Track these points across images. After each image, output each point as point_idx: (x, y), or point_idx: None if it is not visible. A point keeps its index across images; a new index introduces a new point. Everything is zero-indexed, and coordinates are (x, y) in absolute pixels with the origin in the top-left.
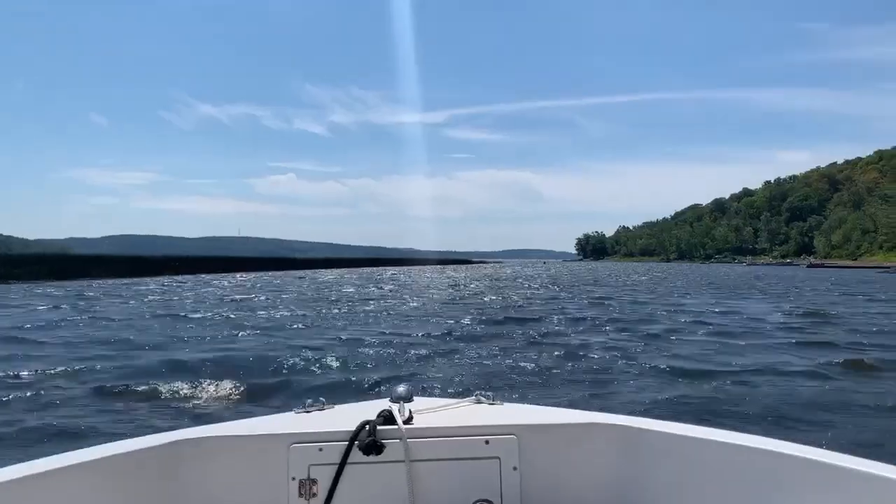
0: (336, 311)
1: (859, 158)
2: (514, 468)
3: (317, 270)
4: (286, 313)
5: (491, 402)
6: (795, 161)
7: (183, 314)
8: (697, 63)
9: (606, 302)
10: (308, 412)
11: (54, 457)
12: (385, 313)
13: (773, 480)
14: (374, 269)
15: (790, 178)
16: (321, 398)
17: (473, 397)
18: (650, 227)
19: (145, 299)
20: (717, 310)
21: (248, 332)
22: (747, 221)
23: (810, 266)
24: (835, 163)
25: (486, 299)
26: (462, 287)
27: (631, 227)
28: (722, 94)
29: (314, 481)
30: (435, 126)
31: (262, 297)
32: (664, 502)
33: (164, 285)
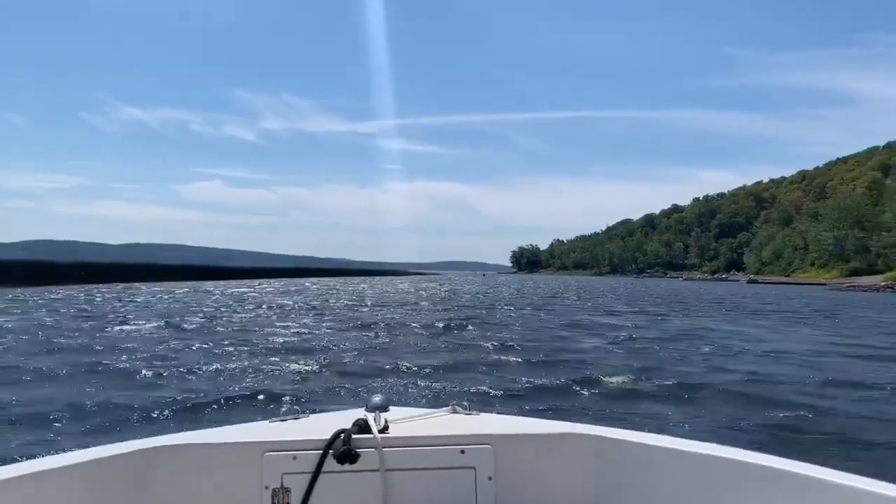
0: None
1: (783, 178)
2: (490, 478)
3: (241, 281)
4: None
5: (467, 411)
6: (718, 180)
7: None
8: (627, 84)
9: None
10: (283, 421)
11: (23, 463)
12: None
13: (748, 491)
14: (304, 279)
15: (718, 195)
16: (296, 407)
17: (449, 407)
18: (583, 241)
19: None
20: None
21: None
22: (677, 237)
23: (750, 282)
24: (760, 182)
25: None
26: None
27: (564, 241)
28: (650, 115)
29: (287, 490)
30: (368, 136)
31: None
32: None
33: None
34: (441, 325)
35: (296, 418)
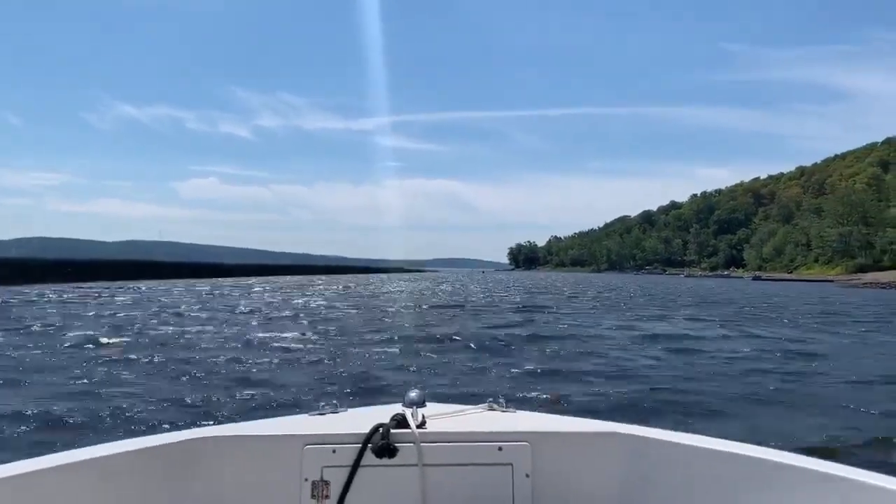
0: None
1: (782, 174)
2: (527, 475)
3: (239, 279)
4: None
5: (504, 409)
6: (715, 177)
7: None
8: (623, 80)
9: None
10: (322, 414)
11: (70, 451)
12: None
13: (784, 492)
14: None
15: (716, 191)
16: (334, 401)
17: (486, 404)
18: (581, 238)
19: None
20: None
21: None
22: (676, 234)
23: (755, 279)
24: (758, 178)
25: None
26: None
27: (562, 238)
28: (645, 111)
29: (327, 483)
30: (364, 133)
31: None
32: None
33: None
34: (459, 334)
35: (334, 412)
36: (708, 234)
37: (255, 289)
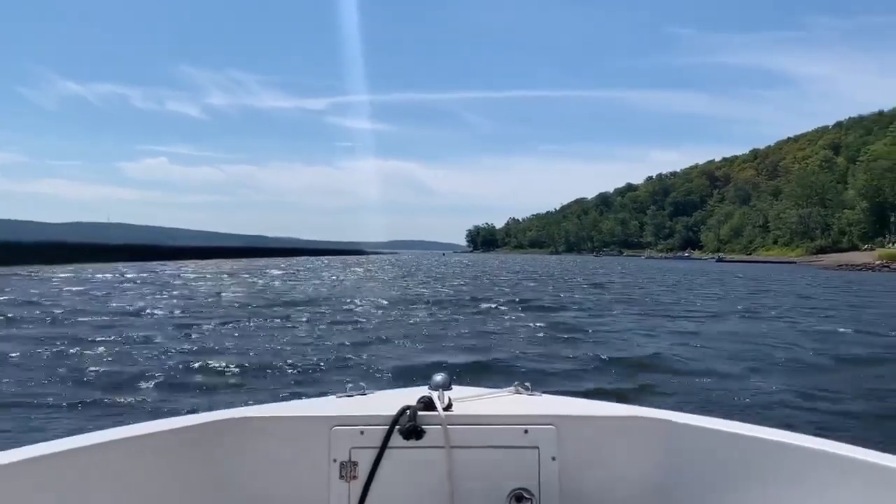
0: None
1: (735, 156)
2: (553, 458)
3: (191, 261)
4: None
5: (530, 392)
6: (667, 160)
7: None
8: (574, 63)
9: None
10: (350, 396)
11: (99, 432)
12: None
13: (816, 479)
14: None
15: (671, 174)
16: (361, 383)
17: (513, 387)
18: (539, 220)
19: None
20: None
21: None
22: (632, 215)
23: (718, 261)
24: (712, 160)
25: None
26: None
27: (520, 220)
28: (597, 94)
29: (355, 464)
30: (317, 113)
31: None
32: (702, 496)
33: None
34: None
35: (362, 394)
36: (664, 216)
37: (216, 270)
